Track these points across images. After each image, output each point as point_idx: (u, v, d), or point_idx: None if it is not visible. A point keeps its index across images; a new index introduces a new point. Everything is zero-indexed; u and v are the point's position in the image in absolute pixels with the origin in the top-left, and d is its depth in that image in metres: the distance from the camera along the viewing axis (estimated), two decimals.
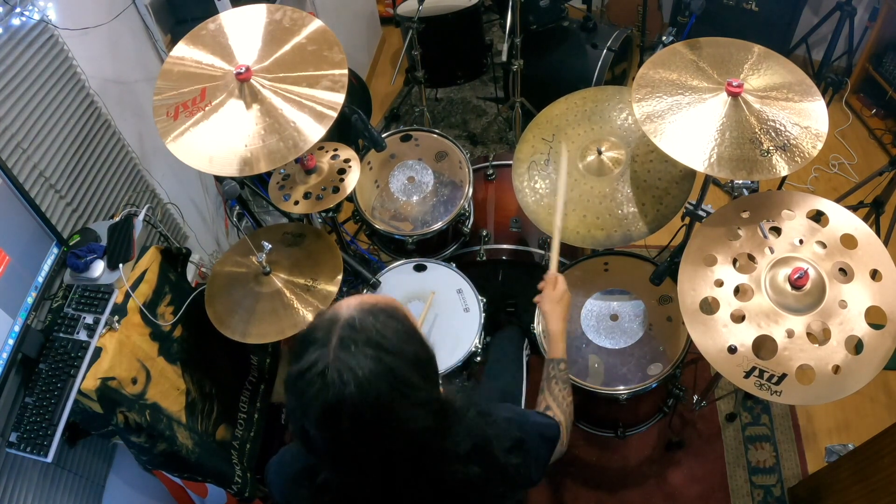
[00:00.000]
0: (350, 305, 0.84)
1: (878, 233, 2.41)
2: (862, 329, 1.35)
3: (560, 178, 1.69)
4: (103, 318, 1.57)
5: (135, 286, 1.65)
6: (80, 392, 1.45)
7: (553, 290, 1.43)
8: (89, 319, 1.56)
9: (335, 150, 1.90)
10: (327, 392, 0.76)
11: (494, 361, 1.80)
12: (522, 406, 1.72)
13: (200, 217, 2.54)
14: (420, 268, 2.01)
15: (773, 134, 1.46)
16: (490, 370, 1.79)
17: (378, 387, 0.77)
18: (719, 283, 1.46)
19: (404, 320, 0.85)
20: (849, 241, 1.44)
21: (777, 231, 1.49)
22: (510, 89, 3.21)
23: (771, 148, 1.45)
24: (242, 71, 1.56)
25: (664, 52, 1.64)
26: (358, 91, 3.16)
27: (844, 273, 1.41)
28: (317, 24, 1.66)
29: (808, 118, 1.48)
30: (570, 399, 1.33)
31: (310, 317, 1.69)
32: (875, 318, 1.36)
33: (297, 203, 1.79)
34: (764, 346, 1.39)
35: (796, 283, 1.38)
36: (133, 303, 1.63)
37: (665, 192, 1.78)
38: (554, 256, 1.53)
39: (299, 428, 0.82)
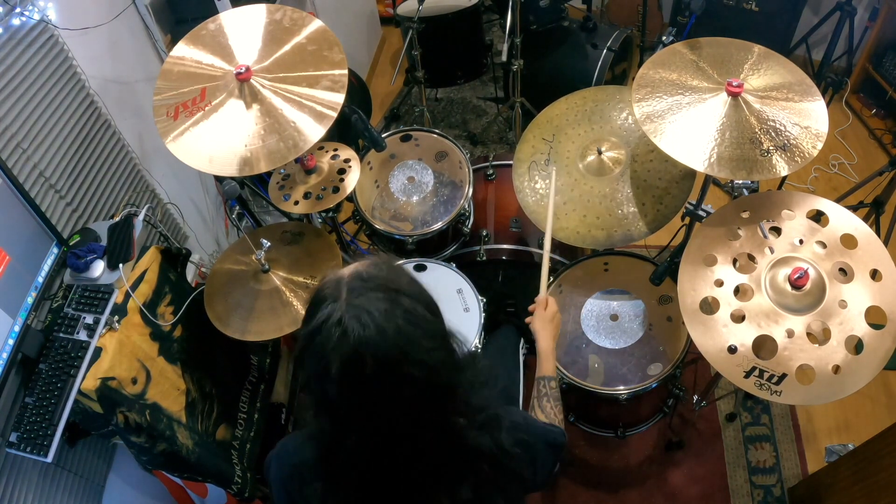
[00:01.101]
0: (352, 265, 0.87)
1: (878, 233, 2.41)
2: (862, 329, 1.35)
3: (549, 205, 1.70)
4: (103, 318, 1.57)
5: (135, 286, 1.65)
6: (80, 392, 1.45)
7: (544, 310, 1.46)
8: (89, 319, 1.56)
9: (335, 150, 1.90)
10: (347, 339, 0.77)
11: (491, 360, 1.80)
12: (520, 404, 1.72)
13: (200, 217, 2.54)
14: (420, 268, 2.01)
15: (773, 134, 1.46)
16: None
17: (396, 323, 0.79)
18: (719, 283, 1.46)
19: (402, 267, 0.90)
20: (849, 241, 1.44)
21: (777, 231, 1.49)
22: (510, 89, 3.21)
23: (771, 148, 1.45)
24: (242, 71, 1.56)
25: (664, 52, 1.64)
26: (358, 91, 3.16)
27: (844, 273, 1.41)
28: (317, 24, 1.66)
29: (808, 118, 1.48)
30: (562, 417, 1.33)
31: None
32: (875, 318, 1.36)
33: (297, 203, 1.79)
34: (764, 346, 1.39)
35: (796, 283, 1.38)
36: (133, 303, 1.63)
37: (665, 191, 1.78)
38: (543, 279, 1.56)
39: (320, 392, 0.83)
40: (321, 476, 0.96)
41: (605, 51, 3.00)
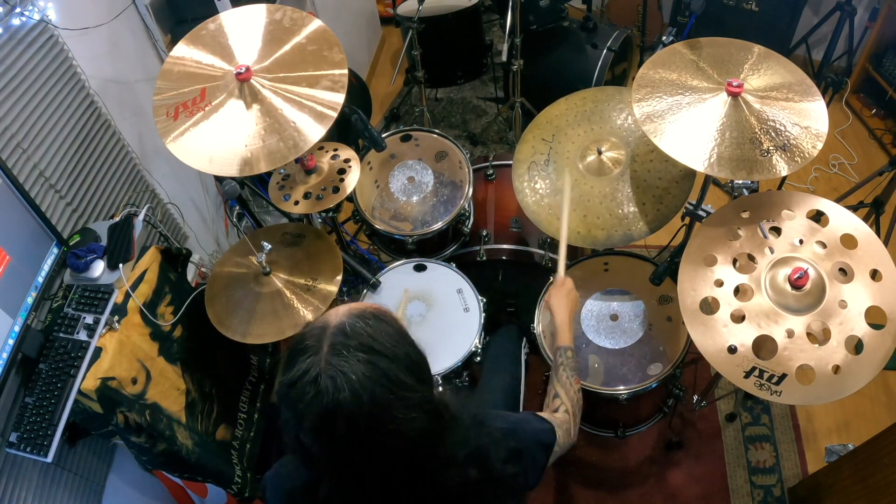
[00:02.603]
0: (339, 313, 0.84)
1: (878, 233, 2.41)
2: (862, 329, 1.35)
3: (565, 192, 1.74)
4: (103, 318, 1.57)
5: (135, 286, 1.65)
6: (80, 392, 1.45)
7: (560, 287, 1.52)
8: (89, 319, 1.56)
9: (335, 150, 1.90)
10: (321, 399, 0.76)
11: (493, 360, 1.81)
12: (521, 405, 1.71)
13: (200, 217, 2.54)
14: (420, 268, 2.01)
15: (773, 134, 1.46)
16: (489, 369, 1.79)
17: (372, 390, 0.77)
18: (719, 283, 1.46)
19: (394, 323, 0.86)
20: (849, 241, 1.44)
21: (777, 231, 1.49)
22: (510, 89, 3.21)
23: (771, 148, 1.45)
24: (242, 71, 1.56)
25: (664, 52, 1.64)
26: (358, 91, 3.16)
27: (844, 273, 1.41)
28: (317, 24, 1.66)
29: (808, 118, 1.48)
30: (578, 386, 1.37)
31: (310, 316, 1.69)
32: (875, 318, 1.36)
33: (297, 203, 1.79)
34: (764, 346, 1.39)
35: (796, 283, 1.38)
36: (133, 303, 1.63)
37: (665, 191, 1.78)
38: (561, 261, 1.59)
39: (294, 439, 0.82)
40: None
41: (605, 51, 3.00)
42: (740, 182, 1.73)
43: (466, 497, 0.92)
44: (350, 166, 1.84)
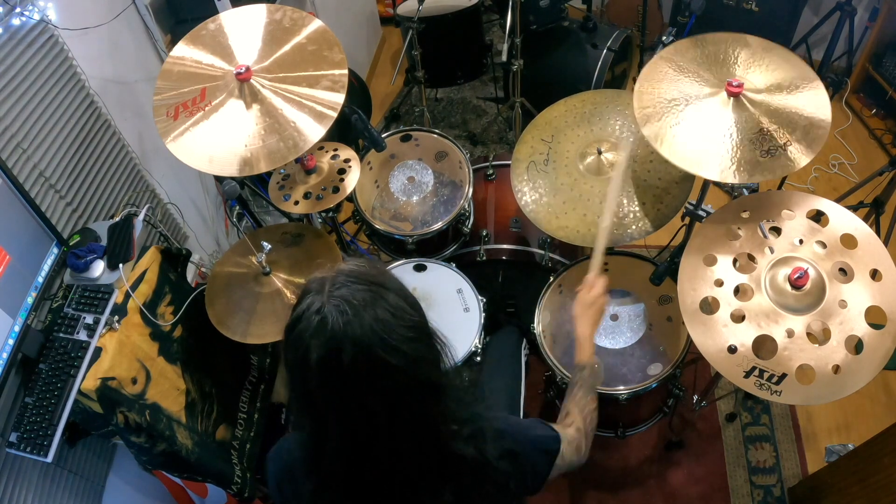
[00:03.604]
0: (340, 264, 0.88)
1: (878, 233, 2.41)
2: (862, 329, 1.35)
3: (614, 180, 1.61)
4: (103, 318, 1.57)
5: (135, 286, 1.65)
6: (80, 392, 1.45)
7: (588, 292, 1.40)
8: (89, 319, 1.56)
9: (335, 150, 1.90)
10: (325, 325, 0.79)
11: (493, 361, 1.80)
12: (521, 405, 1.71)
13: (200, 217, 2.54)
14: (420, 268, 2.01)
15: (773, 133, 1.46)
16: (489, 370, 1.79)
17: (374, 311, 0.80)
18: (719, 283, 1.46)
19: (385, 268, 0.91)
20: (849, 241, 1.44)
21: (777, 231, 1.49)
22: (510, 89, 3.21)
23: (772, 147, 1.44)
24: (242, 71, 1.56)
25: (664, 52, 1.64)
26: (358, 91, 3.16)
27: (844, 273, 1.41)
28: (317, 24, 1.66)
29: (809, 111, 1.47)
30: (594, 406, 1.29)
31: None
32: (875, 318, 1.36)
33: (297, 203, 1.79)
34: (764, 346, 1.39)
35: (796, 283, 1.38)
36: (133, 303, 1.63)
37: (665, 191, 1.78)
38: (596, 258, 1.47)
39: (300, 384, 0.84)
40: (310, 478, 0.96)
41: (605, 51, 3.00)
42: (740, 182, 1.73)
43: (463, 472, 0.94)
44: (350, 166, 1.84)
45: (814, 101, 1.49)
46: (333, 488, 0.93)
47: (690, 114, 1.51)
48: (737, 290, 1.45)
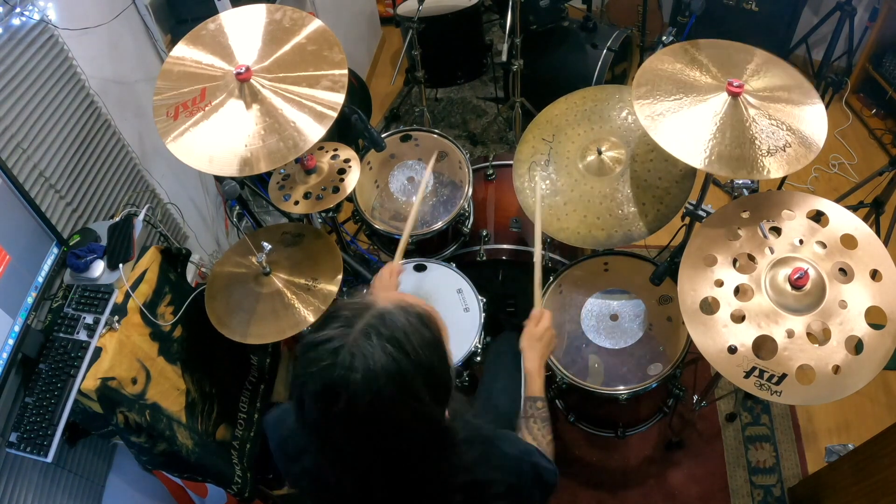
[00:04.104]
0: (388, 298, 0.84)
1: (878, 233, 2.41)
2: (862, 329, 1.35)
3: (536, 207, 1.73)
4: (103, 318, 1.57)
5: (135, 286, 1.65)
6: (80, 392, 1.45)
7: (535, 326, 1.42)
8: (89, 319, 1.56)
9: (335, 150, 1.90)
10: (333, 370, 0.76)
11: (493, 362, 1.80)
12: (522, 406, 1.71)
13: (200, 217, 2.54)
14: (420, 268, 2.01)
15: (773, 134, 1.46)
16: (489, 371, 1.79)
17: (383, 385, 0.76)
18: (719, 283, 1.46)
19: (435, 331, 0.84)
20: (849, 241, 1.44)
21: (777, 231, 1.49)
22: (510, 89, 3.21)
23: (771, 148, 1.45)
24: (242, 71, 1.56)
25: (664, 51, 1.64)
26: (358, 91, 3.16)
27: (844, 273, 1.41)
28: (317, 24, 1.66)
29: (807, 121, 1.48)
30: (550, 437, 1.29)
31: (311, 317, 1.69)
32: (875, 318, 1.36)
33: (297, 203, 1.79)
34: (764, 346, 1.39)
35: (796, 283, 1.38)
36: (133, 303, 1.63)
37: (665, 191, 1.78)
38: (537, 291, 1.52)
39: (297, 396, 0.82)
40: (306, 455, 0.96)
41: (605, 51, 3.00)
42: (740, 182, 1.73)
43: None
44: (350, 166, 1.84)
45: (809, 111, 1.49)
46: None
47: (690, 108, 1.51)
48: (737, 291, 1.45)
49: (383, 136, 1.96)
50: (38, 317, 1.61)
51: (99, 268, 1.63)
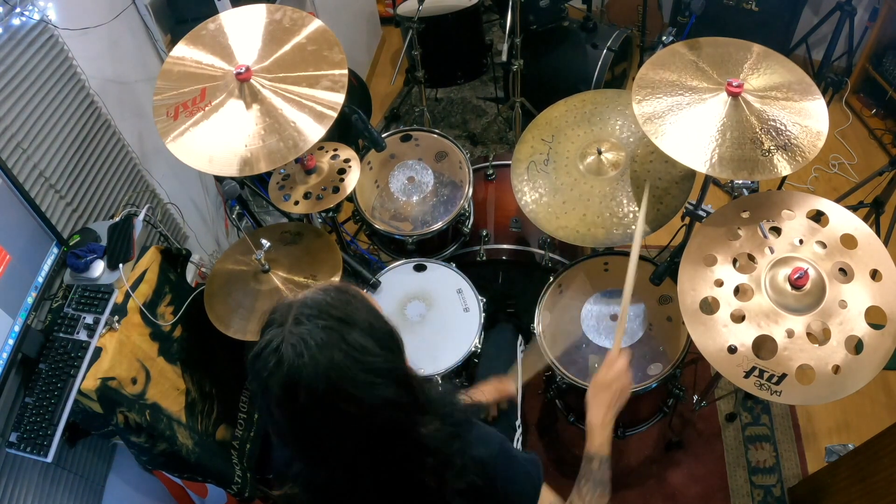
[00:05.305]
0: (306, 290, 0.86)
1: (878, 233, 2.41)
2: (862, 329, 1.35)
3: (635, 243, 1.55)
4: (103, 318, 1.57)
5: (135, 286, 1.65)
6: (80, 392, 1.45)
7: (607, 371, 1.27)
8: (89, 319, 1.56)
9: (335, 150, 1.90)
10: (282, 366, 0.77)
11: (489, 359, 1.80)
12: (519, 404, 1.70)
13: (200, 217, 2.54)
14: (420, 268, 2.01)
15: (773, 134, 1.46)
16: (484, 368, 1.79)
17: (330, 354, 0.77)
18: (719, 283, 1.46)
19: (357, 295, 0.86)
20: (849, 241, 1.44)
21: (777, 231, 1.49)
22: (510, 89, 3.21)
23: (771, 148, 1.45)
24: (242, 71, 1.56)
25: (664, 52, 1.64)
26: (358, 91, 3.16)
27: (844, 273, 1.41)
28: (317, 24, 1.66)
29: (808, 117, 1.48)
30: (604, 502, 1.17)
31: None
32: (875, 318, 1.36)
33: (297, 203, 1.79)
34: (764, 346, 1.39)
35: (796, 283, 1.38)
36: (133, 303, 1.63)
37: (665, 192, 1.78)
38: (620, 330, 1.33)
39: (266, 411, 0.82)
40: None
41: (605, 51, 3.00)
42: (740, 182, 1.73)
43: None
44: (350, 166, 1.84)
45: (810, 107, 1.49)
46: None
47: (690, 110, 1.51)
48: (737, 290, 1.45)
49: (383, 135, 1.96)
50: (38, 317, 1.61)
51: (99, 268, 1.63)
